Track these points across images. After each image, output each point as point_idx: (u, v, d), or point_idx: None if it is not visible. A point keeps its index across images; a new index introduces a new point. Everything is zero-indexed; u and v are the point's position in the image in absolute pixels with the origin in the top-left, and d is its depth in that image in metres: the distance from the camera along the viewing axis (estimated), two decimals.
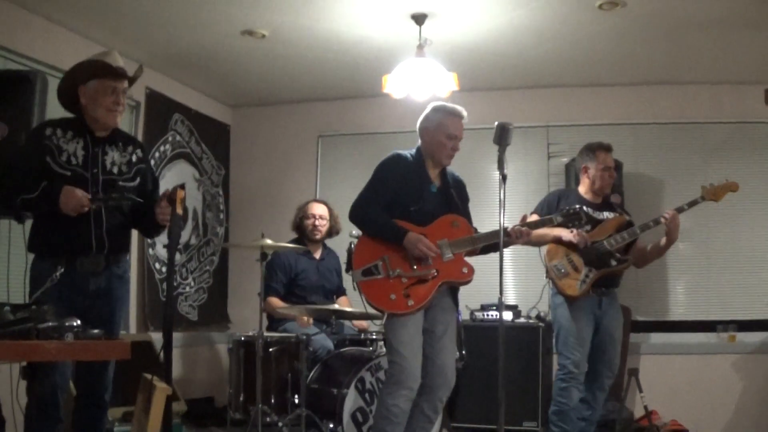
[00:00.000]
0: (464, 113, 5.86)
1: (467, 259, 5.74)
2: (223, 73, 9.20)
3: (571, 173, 8.56)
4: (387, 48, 8.07)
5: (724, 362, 9.06)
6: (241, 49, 8.33)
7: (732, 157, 9.21)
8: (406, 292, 5.53)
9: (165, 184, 8.55)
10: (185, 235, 9.33)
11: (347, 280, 7.13)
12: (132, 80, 5.42)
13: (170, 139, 9.17)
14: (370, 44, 8.11)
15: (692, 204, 6.82)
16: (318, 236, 8.03)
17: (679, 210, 6.77)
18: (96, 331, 3.98)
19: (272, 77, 9.36)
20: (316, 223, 8.01)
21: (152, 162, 8.50)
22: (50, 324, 3.81)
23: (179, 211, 5.05)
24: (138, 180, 5.43)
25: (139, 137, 8.50)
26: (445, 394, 5.77)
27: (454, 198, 5.88)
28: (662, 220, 6.74)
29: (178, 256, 9.16)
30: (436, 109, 5.90)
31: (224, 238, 10.23)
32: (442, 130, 5.78)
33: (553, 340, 7.18)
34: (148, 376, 4.62)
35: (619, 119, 9.42)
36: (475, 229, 5.84)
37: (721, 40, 8.00)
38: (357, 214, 5.75)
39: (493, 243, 5.67)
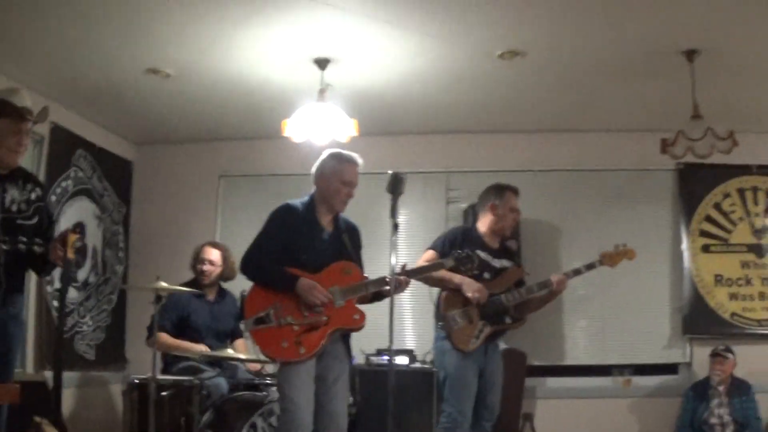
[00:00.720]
0: (360, 160, 5.90)
1: (359, 306, 5.73)
2: (127, 109, 9.12)
3: (469, 219, 8.62)
4: (289, 91, 8.10)
5: (620, 406, 9.23)
6: (146, 87, 8.29)
7: (630, 203, 9.43)
8: (298, 339, 5.51)
9: (66, 221, 8.60)
10: (84, 273, 9.20)
11: None
12: (36, 121, 5.41)
13: (72, 174, 9.04)
14: (272, 87, 8.17)
15: (589, 267, 6.89)
16: (206, 281, 7.96)
17: (576, 272, 6.85)
18: None
19: (176, 116, 9.33)
20: (205, 268, 7.95)
21: (53, 198, 8.46)
22: None
23: (70, 255, 5.03)
24: (36, 219, 5.41)
25: (42, 172, 8.43)
26: None
27: (346, 245, 5.88)
28: (551, 282, 6.77)
29: (76, 294, 9.04)
30: (331, 156, 5.95)
31: (123, 276, 10.10)
32: (337, 177, 5.82)
33: (441, 386, 7.01)
34: (38, 419, 4.57)
35: (518, 166, 9.52)
36: (366, 278, 5.81)
37: (618, 88, 8.23)
38: (247, 266, 5.76)
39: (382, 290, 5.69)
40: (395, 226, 5.39)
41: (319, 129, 7.48)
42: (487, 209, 7.07)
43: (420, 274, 6.09)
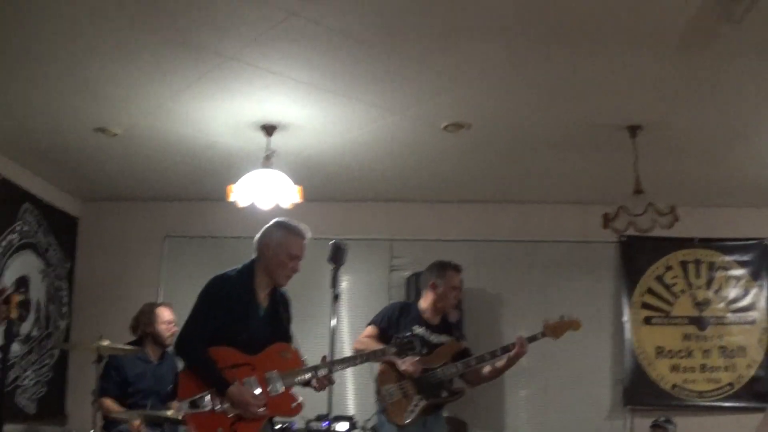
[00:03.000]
0: (308, 234, 5.72)
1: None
2: (74, 166, 9.12)
3: (412, 287, 8.70)
4: (235, 155, 8.18)
5: None
6: (92, 145, 8.29)
7: (572, 275, 9.53)
8: (234, 427, 5.30)
9: (10, 275, 8.54)
10: (27, 327, 9.16)
11: None
12: None
13: (18, 228, 9.02)
14: (219, 150, 8.23)
15: (532, 339, 6.93)
16: (158, 344, 7.80)
17: (529, 340, 6.90)
18: None
19: (123, 174, 9.34)
20: (169, 328, 7.77)
21: None
22: None
23: (13, 315, 5.05)
24: None
25: None
26: None
27: (281, 322, 5.72)
28: (516, 346, 6.80)
29: (18, 347, 8.99)
30: (278, 225, 5.74)
31: (66, 332, 10.02)
32: (284, 249, 5.61)
33: None
34: None
35: (461, 235, 9.65)
36: (303, 361, 5.63)
37: (561, 161, 8.37)
38: (183, 350, 5.50)
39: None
40: (336, 297, 5.31)
41: (264, 194, 7.48)
42: (429, 287, 7.12)
43: (353, 363, 6.05)
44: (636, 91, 6.75)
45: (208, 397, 5.28)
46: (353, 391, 9.43)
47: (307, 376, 5.54)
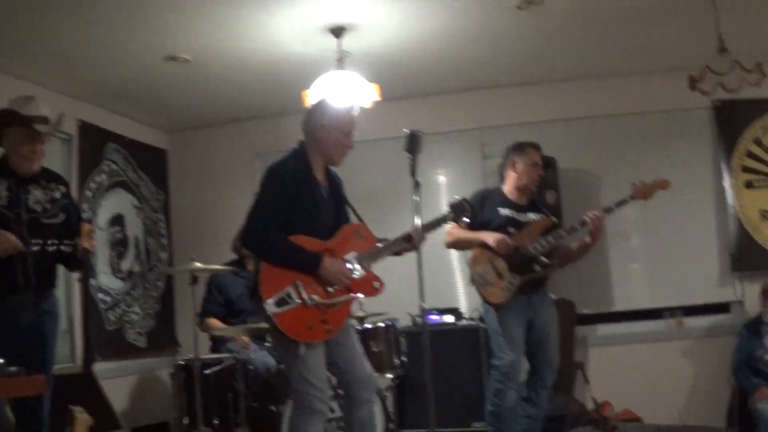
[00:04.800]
0: (358, 106, 5.54)
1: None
2: (153, 99, 9.20)
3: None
4: (308, 63, 8.08)
5: (673, 349, 9.16)
6: (167, 75, 8.34)
7: (667, 145, 9.32)
8: (324, 317, 5.20)
9: (104, 215, 8.67)
10: (127, 263, 9.32)
11: None
12: (53, 131, 5.48)
13: (106, 169, 9.14)
14: (291, 60, 8.16)
15: (621, 204, 6.69)
16: (251, 262, 7.82)
17: (607, 210, 6.66)
18: (14, 368, 3.98)
19: (202, 100, 9.38)
20: None
21: (89, 193, 8.54)
22: None
23: (86, 245, 5.07)
24: (63, 216, 5.50)
25: (73, 170, 8.56)
26: (372, 394, 5.54)
27: (341, 201, 5.58)
28: (587, 220, 6.63)
29: (121, 284, 9.16)
30: (325, 104, 5.51)
31: (169, 263, 10.21)
32: (338, 127, 5.38)
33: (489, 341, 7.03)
34: (72, 407, 4.62)
35: (550, 116, 9.48)
36: (377, 239, 5.52)
37: (642, 30, 8.09)
38: (254, 242, 5.28)
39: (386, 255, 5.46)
40: (416, 185, 5.17)
41: (341, 96, 7.37)
42: (509, 167, 7.01)
43: (430, 229, 5.63)
44: None
45: (293, 292, 5.14)
46: (460, 284, 9.43)
47: (387, 254, 5.46)
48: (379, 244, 5.47)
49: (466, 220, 5.96)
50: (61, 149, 8.50)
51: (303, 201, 5.28)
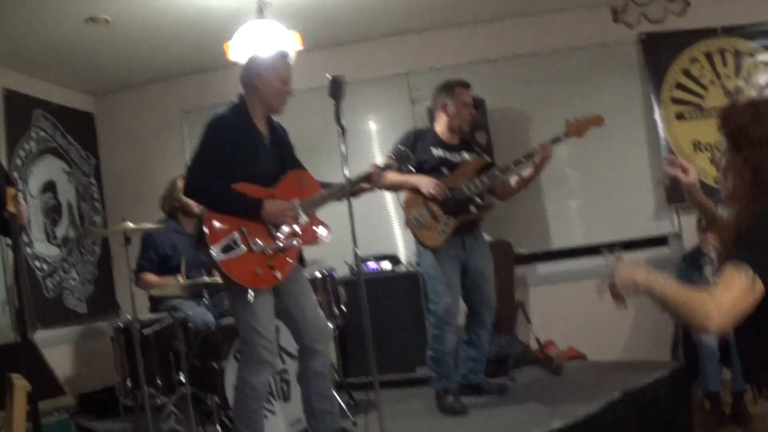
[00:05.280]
0: (290, 53, 5.60)
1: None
2: (76, 63, 9.06)
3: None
4: (228, 15, 7.94)
5: None
6: (88, 37, 8.21)
7: (596, 80, 9.36)
8: (271, 263, 5.30)
9: (35, 182, 8.57)
10: (62, 230, 9.23)
11: None
12: None
13: (34, 136, 9.02)
14: (210, 14, 8.04)
15: (554, 141, 6.69)
16: (186, 215, 7.75)
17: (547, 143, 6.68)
18: None
19: (126, 60, 9.25)
20: (186, 200, 7.74)
21: (18, 161, 8.44)
22: None
23: (11, 209, 5.00)
24: None
25: (1, 137, 8.44)
26: (326, 345, 5.64)
27: (287, 149, 5.67)
28: (536, 149, 6.61)
29: (57, 251, 9.09)
30: (262, 56, 5.59)
31: (103, 227, 10.10)
32: (276, 76, 5.47)
33: (424, 286, 7.08)
34: (10, 375, 4.57)
35: (477, 56, 9.44)
36: (321, 183, 5.62)
37: None
38: (195, 189, 5.40)
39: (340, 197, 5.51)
40: (342, 131, 5.09)
41: (263, 47, 7.30)
42: (440, 109, 6.99)
43: (359, 183, 5.66)
44: None
45: (239, 238, 5.26)
46: (397, 230, 9.46)
47: (330, 201, 5.55)
48: (323, 190, 5.54)
49: (412, 169, 6.04)
50: None
51: (243, 150, 5.36)
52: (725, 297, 2.92)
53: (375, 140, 9.64)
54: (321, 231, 5.54)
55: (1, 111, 8.58)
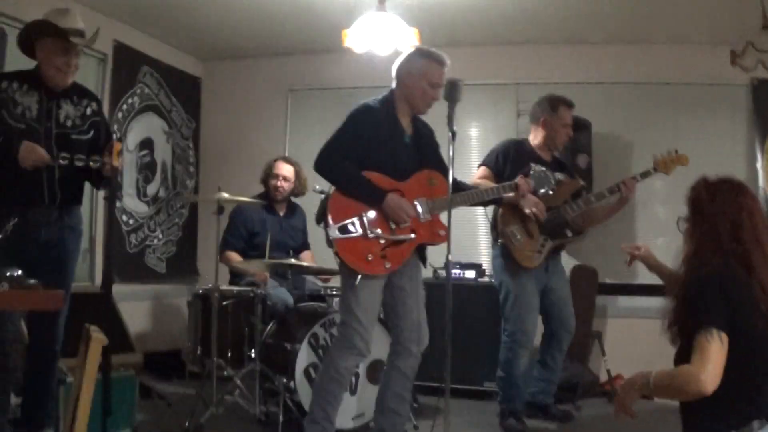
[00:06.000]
0: (448, 61, 5.63)
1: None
2: (190, 25, 9.12)
3: None
4: (350, 1, 7.98)
5: None
6: (207, 2, 8.28)
7: (702, 118, 9.17)
8: (384, 253, 5.39)
9: (134, 137, 8.67)
10: (153, 188, 9.31)
11: (315, 236, 6.99)
12: (87, 44, 5.42)
13: (138, 91, 9.11)
14: None
15: (645, 175, 6.75)
16: (279, 197, 7.91)
17: (634, 180, 6.71)
18: (32, 281, 3.94)
19: (240, 30, 9.29)
20: (279, 184, 7.88)
21: (120, 115, 8.52)
22: None
23: (115, 163, 5.04)
24: (92, 133, 5.46)
25: (106, 90, 8.56)
26: (420, 349, 5.67)
27: (427, 148, 5.71)
28: (621, 187, 6.63)
29: (146, 209, 9.18)
30: (419, 53, 5.67)
31: (194, 191, 10.21)
32: (425, 77, 5.53)
33: (502, 305, 7.01)
34: (88, 326, 4.60)
35: (589, 78, 9.32)
36: (456, 180, 5.55)
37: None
38: (325, 165, 5.46)
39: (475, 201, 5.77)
40: (453, 135, 5.17)
41: (380, 39, 7.35)
42: (539, 123, 6.95)
43: (492, 196, 5.93)
44: None
45: (357, 222, 5.38)
46: (481, 240, 9.38)
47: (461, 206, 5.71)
48: (455, 194, 5.47)
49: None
50: (96, 68, 8.49)
51: (382, 142, 5.48)
52: (706, 360, 3.27)
53: (474, 147, 9.53)
54: (440, 233, 5.56)
55: (109, 63, 8.66)
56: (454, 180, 5.37)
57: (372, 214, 5.42)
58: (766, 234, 3.59)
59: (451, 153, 5.19)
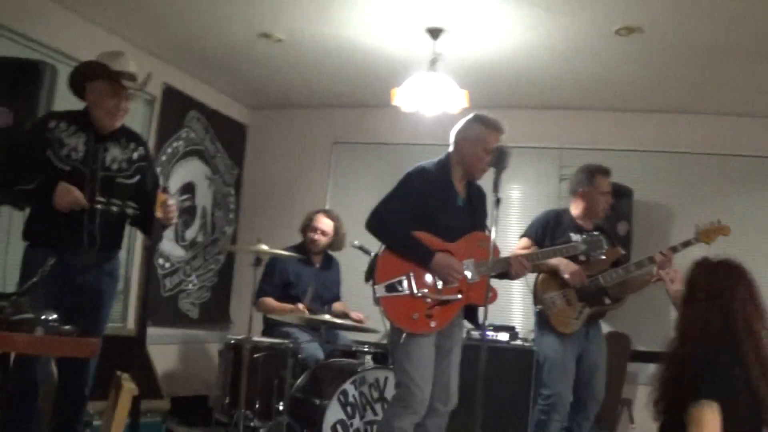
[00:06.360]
0: (504, 129, 5.69)
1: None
2: (240, 73, 9.19)
3: None
4: (401, 60, 8.04)
5: None
6: (258, 51, 8.34)
7: (749, 191, 9.08)
8: (429, 312, 5.41)
9: (176, 181, 8.71)
10: (192, 233, 9.33)
11: (354, 291, 6.99)
12: (139, 88, 5.46)
13: (184, 135, 9.16)
14: (384, 55, 8.11)
15: (686, 244, 6.66)
16: (315, 250, 7.95)
17: (674, 249, 6.62)
18: (68, 327, 3.94)
19: (289, 81, 9.35)
20: (316, 237, 7.91)
21: (164, 158, 8.56)
22: (24, 316, 3.78)
23: (158, 213, 5.06)
24: (137, 177, 5.48)
25: (153, 132, 8.62)
26: (447, 409, 5.65)
27: (479, 212, 5.78)
28: (656, 259, 6.57)
29: (183, 253, 9.19)
30: (478, 120, 5.73)
31: (233, 238, 10.22)
32: (481, 143, 5.59)
33: (540, 369, 7.00)
34: (119, 373, 4.59)
35: (632, 145, 9.32)
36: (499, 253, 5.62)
37: (742, 69, 7.87)
38: (377, 224, 5.53)
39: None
40: (497, 201, 5.14)
41: (429, 99, 7.39)
42: (578, 194, 6.95)
43: (546, 257, 6.12)
44: None
45: (405, 282, 5.42)
46: (518, 303, 9.34)
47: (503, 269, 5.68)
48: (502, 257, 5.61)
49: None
50: (144, 110, 8.56)
51: (435, 203, 5.56)
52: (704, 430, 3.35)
53: (515, 209, 9.52)
54: (488, 295, 5.42)
55: (158, 105, 8.72)
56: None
57: (419, 272, 5.45)
58: (760, 322, 3.61)
59: (495, 218, 5.16)
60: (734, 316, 3.55)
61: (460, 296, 5.50)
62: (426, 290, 5.43)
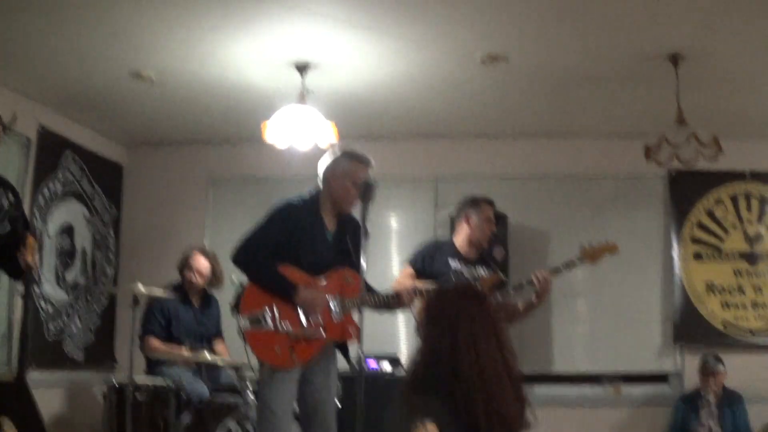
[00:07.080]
0: (372, 161, 5.74)
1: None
2: (114, 112, 9.13)
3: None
4: (270, 95, 8.03)
5: (609, 415, 9.18)
6: (130, 90, 8.29)
7: (620, 210, 9.35)
8: (291, 347, 5.41)
9: (54, 223, 8.59)
10: (72, 275, 9.22)
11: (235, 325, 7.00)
12: (6, 127, 5.41)
13: (61, 177, 9.04)
14: (253, 90, 8.16)
15: (568, 265, 6.67)
16: (193, 290, 7.97)
17: (555, 271, 6.63)
18: None
19: (163, 119, 9.34)
20: (193, 278, 7.92)
21: (41, 200, 8.45)
22: None
23: (28, 258, 5.04)
24: (7, 227, 5.41)
25: (30, 174, 8.44)
26: None
27: (348, 246, 5.67)
28: (533, 280, 6.60)
29: (64, 296, 9.07)
30: (345, 154, 5.77)
31: (114, 279, 10.09)
32: (349, 177, 5.63)
33: None
34: (1, 420, 4.57)
35: (505, 171, 9.51)
36: (366, 284, 5.54)
37: (604, 94, 8.20)
38: (242, 258, 5.57)
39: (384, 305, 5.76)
40: (366, 234, 5.22)
41: (299, 133, 7.46)
42: (463, 221, 7.03)
43: (389, 299, 5.91)
44: (678, 19, 6.53)
45: (269, 316, 5.42)
46: (404, 333, 9.37)
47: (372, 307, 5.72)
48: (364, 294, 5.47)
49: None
50: (19, 152, 8.40)
51: (302, 238, 5.59)
52: None
53: (393, 239, 9.63)
54: (350, 330, 5.59)
55: (33, 147, 8.58)
56: (365, 282, 5.38)
57: (283, 306, 5.45)
58: (489, 340, 3.51)
59: (365, 251, 5.21)
60: (459, 333, 3.41)
61: (323, 332, 5.53)
62: (289, 324, 5.44)
